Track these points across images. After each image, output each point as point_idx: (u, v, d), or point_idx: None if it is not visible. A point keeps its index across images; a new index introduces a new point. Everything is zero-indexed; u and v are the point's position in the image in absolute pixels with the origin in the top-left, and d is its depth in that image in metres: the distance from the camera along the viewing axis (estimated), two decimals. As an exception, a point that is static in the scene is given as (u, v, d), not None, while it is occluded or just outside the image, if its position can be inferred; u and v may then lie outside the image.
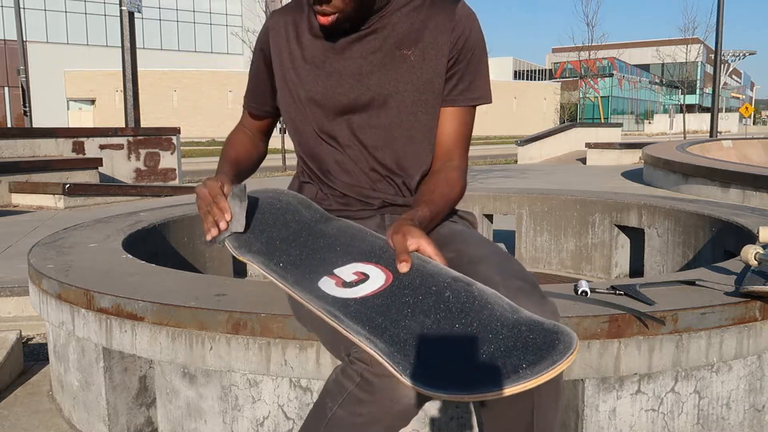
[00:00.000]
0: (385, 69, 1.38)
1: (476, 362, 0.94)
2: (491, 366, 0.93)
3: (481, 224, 3.71)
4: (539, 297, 1.13)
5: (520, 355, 0.94)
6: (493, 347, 0.96)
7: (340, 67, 1.39)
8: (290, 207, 1.39)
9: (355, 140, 1.42)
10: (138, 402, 1.72)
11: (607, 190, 6.20)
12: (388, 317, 1.04)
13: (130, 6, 10.42)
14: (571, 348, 0.94)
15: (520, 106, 45.12)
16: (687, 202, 3.29)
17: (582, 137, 16.21)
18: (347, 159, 1.42)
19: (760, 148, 11.31)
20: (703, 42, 39.08)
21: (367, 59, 1.38)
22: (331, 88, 1.40)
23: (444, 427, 1.45)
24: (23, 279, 3.04)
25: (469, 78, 1.40)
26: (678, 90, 42.39)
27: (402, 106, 1.39)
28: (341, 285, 1.14)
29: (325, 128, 1.43)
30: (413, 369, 0.93)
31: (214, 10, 43.09)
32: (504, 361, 0.93)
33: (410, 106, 1.39)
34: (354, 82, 1.39)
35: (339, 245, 1.25)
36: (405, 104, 1.39)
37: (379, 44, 1.38)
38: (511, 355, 0.94)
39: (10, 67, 33.07)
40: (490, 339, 0.97)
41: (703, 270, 1.79)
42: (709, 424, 1.55)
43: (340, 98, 1.40)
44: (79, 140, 8.50)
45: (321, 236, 1.29)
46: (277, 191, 1.45)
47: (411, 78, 1.38)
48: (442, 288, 1.08)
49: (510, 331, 0.98)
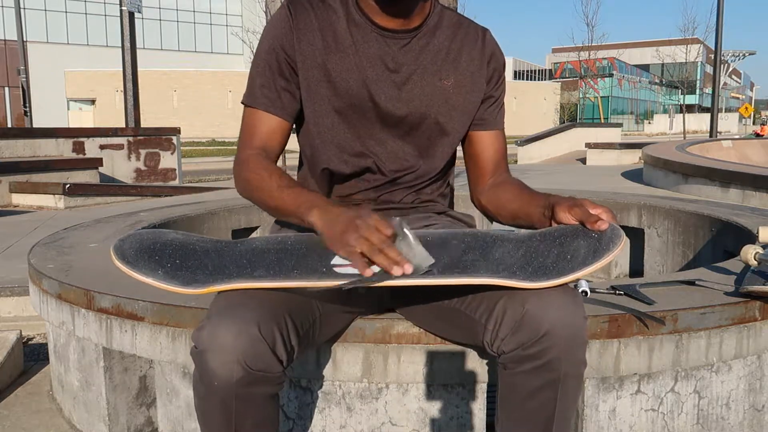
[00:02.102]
0: (423, 92, 1.40)
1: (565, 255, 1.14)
2: (578, 254, 1.13)
3: (481, 225, 3.71)
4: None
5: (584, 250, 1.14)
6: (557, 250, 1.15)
7: (385, 76, 1.38)
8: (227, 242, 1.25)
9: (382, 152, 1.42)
10: (138, 402, 1.72)
11: (607, 190, 6.19)
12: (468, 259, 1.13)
13: (130, 6, 10.43)
14: (620, 237, 1.13)
15: (520, 106, 45.10)
16: (687, 202, 3.29)
17: (582, 137, 16.21)
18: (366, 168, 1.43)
19: (760, 148, 11.31)
20: (703, 42, 39.08)
21: (412, 75, 1.39)
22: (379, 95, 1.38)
23: (444, 427, 1.46)
24: (23, 279, 3.03)
25: (500, 102, 1.51)
26: (678, 90, 42.38)
27: (434, 129, 1.43)
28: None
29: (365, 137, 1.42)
30: (525, 275, 1.10)
31: (214, 10, 43.10)
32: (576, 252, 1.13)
33: (441, 130, 1.44)
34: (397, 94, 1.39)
35: (307, 249, 1.18)
36: (438, 127, 1.43)
37: (420, 67, 1.39)
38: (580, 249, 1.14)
39: (11, 67, 33.06)
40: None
41: (703, 270, 1.79)
42: (709, 424, 1.55)
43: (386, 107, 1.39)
44: (79, 140, 8.51)
45: (290, 248, 1.20)
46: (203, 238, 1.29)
47: (447, 106, 1.42)
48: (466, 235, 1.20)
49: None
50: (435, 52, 1.40)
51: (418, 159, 1.44)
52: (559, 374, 1.09)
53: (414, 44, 1.39)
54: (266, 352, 1.04)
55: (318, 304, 1.21)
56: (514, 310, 1.09)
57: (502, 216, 1.45)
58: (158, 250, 1.19)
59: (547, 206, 1.28)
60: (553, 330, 1.06)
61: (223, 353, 1.02)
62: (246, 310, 1.06)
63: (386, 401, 1.44)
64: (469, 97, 1.44)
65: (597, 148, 13.46)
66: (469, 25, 1.46)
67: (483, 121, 1.48)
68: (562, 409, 1.11)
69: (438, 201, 1.52)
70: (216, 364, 1.03)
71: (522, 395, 1.11)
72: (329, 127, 1.40)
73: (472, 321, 1.18)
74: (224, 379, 1.03)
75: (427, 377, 1.41)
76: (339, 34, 1.37)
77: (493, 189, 1.48)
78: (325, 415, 1.46)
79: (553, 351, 1.07)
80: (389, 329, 1.38)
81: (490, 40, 1.47)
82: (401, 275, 1.06)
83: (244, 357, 1.02)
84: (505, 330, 1.10)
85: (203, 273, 1.14)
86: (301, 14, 1.37)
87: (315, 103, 1.39)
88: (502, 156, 1.51)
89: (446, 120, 1.43)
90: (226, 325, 1.03)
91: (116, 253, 1.18)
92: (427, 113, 1.41)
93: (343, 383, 1.44)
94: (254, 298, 1.08)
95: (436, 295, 1.24)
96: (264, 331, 1.05)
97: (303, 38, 1.37)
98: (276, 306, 1.09)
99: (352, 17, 1.37)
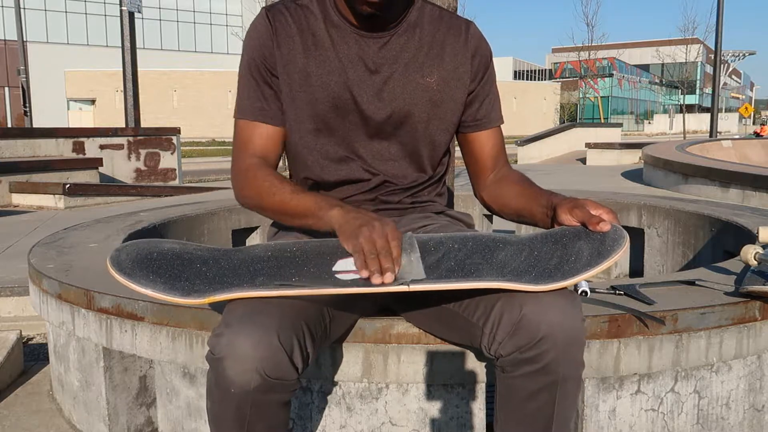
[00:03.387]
0: (405, 90, 1.38)
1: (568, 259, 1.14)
2: (582, 257, 1.14)
3: (481, 225, 3.71)
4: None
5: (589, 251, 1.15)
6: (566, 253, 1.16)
7: (365, 77, 1.37)
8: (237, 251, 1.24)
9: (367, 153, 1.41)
10: (138, 402, 1.72)
11: (607, 190, 6.19)
12: (470, 265, 1.12)
13: (130, 6, 10.43)
14: (624, 237, 1.14)
15: (520, 106, 45.10)
16: (687, 202, 3.29)
17: (582, 137, 16.22)
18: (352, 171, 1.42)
19: (760, 148, 11.31)
20: (702, 42, 39.07)
21: (393, 74, 1.37)
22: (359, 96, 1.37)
23: (444, 427, 1.46)
24: (23, 279, 3.04)
25: (492, 98, 1.48)
26: (678, 90, 42.38)
27: (419, 126, 1.41)
28: None
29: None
30: (530, 278, 1.10)
31: (214, 10, 43.11)
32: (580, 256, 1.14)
33: (425, 127, 1.42)
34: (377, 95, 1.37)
35: (311, 256, 1.18)
36: (422, 125, 1.41)
37: (401, 65, 1.37)
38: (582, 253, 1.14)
39: (11, 67, 33.08)
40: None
41: (703, 270, 1.79)
42: (709, 424, 1.55)
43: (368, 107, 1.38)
44: (79, 140, 8.51)
45: (288, 258, 1.20)
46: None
47: (431, 103, 1.40)
48: (470, 238, 1.20)
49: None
50: (416, 48, 1.38)
51: (406, 158, 1.43)
52: (557, 377, 1.08)
53: (394, 42, 1.37)
54: (284, 360, 1.04)
55: (327, 309, 1.20)
56: (511, 314, 1.09)
57: (505, 213, 1.45)
58: (155, 260, 1.18)
59: (549, 206, 1.27)
60: (550, 333, 1.06)
61: (243, 362, 1.02)
62: (266, 318, 1.05)
63: (386, 401, 1.44)
64: (454, 93, 1.42)
65: (597, 148, 13.46)
66: (451, 18, 1.43)
67: (478, 122, 1.47)
68: (561, 411, 1.11)
69: (436, 201, 1.52)
70: (234, 372, 1.02)
71: (520, 398, 1.11)
72: (312, 131, 1.39)
73: (469, 324, 1.17)
74: (241, 387, 1.03)
75: (427, 377, 1.41)
76: (318, 36, 1.36)
77: (495, 185, 1.47)
78: (325, 415, 1.46)
79: (551, 354, 1.06)
80: (389, 329, 1.38)
81: (475, 32, 1.44)
82: (410, 282, 1.07)
83: (262, 366, 1.02)
84: (502, 333, 1.09)
85: (202, 283, 1.13)
86: (279, 20, 1.36)
87: (297, 108, 1.37)
88: (500, 150, 1.50)
89: (431, 117, 1.41)
90: (247, 334, 1.03)
91: (113, 264, 1.17)
92: (411, 112, 1.39)
93: (343, 383, 1.44)
94: (272, 305, 1.08)
95: (435, 299, 1.24)
96: (283, 340, 1.05)
97: (283, 43, 1.36)
98: (293, 313, 1.09)
99: (330, 18, 1.36)
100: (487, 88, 1.46)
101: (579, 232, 1.18)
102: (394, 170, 1.42)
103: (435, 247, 1.17)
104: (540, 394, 1.09)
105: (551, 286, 1.08)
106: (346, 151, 1.40)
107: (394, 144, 1.41)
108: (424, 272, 1.10)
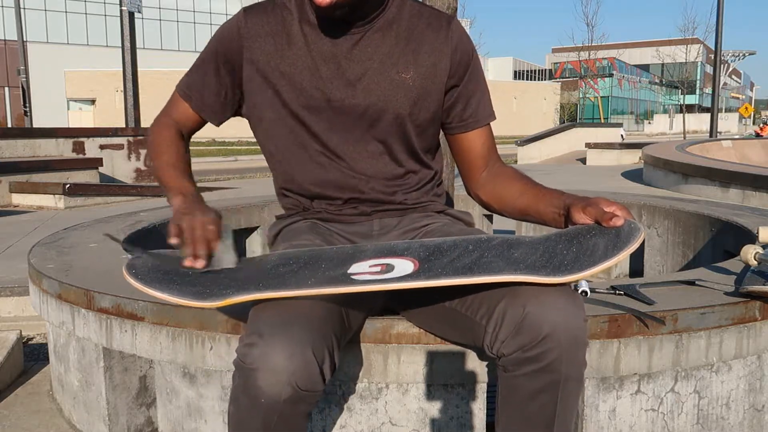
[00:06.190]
0: (380, 87, 1.37)
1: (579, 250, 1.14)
2: (595, 250, 1.13)
3: (481, 225, 3.71)
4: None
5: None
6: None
7: (340, 74, 1.36)
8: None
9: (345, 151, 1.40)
10: (138, 402, 1.72)
11: (607, 190, 6.20)
12: (484, 262, 1.12)
13: (130, 6, 10.43)
14: (639, 230, 1.14)
15: (520, 106, 45.10)
16: (687, 202, 3.29)
17: (582, 137, 16.21)
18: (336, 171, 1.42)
19: (760, 148, 11.31)
20: (702, 42, 39.09)
21: (368, 71, 1.36)
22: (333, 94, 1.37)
23: (444, 427, 1.46)
24: (23, 279, 3.04)
25: (478, 96, 1.45)
26: (678, 90, 42.38)
27: (395, 123, 1.39)
28: (379, 273, 1.12)
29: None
30: (547, 271, 1.09)
31: (214, 10, 43.10)
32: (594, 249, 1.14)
33: (402, 124, 1.40)
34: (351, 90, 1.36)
35: (325, 258, 1.21)
36: (398, 121, 1.39)
37: (376, 62, 1.36)
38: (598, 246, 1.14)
39: (11, 67, 33.08)
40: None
41: (703, 270, 1.79)
42: (709, 424, 1.55)
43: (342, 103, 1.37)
44: (79, 140, 8.51)
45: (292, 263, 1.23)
46: None
47: (407, 99, 1.38)
48: (484, 240, 1.20)
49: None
50: (392, 44, 1.37)
51: (386, 155, 1.42)
52: (559, 376, 1.08)
53: (368, 38, 1.36)
54: (316, 372, 1.05)
55: (345, 314, 1.21)
56: (514, 312, 1.09)
57: (507, 212, 1.44)
58: (170, 272, 1.22)
59: (563, 207, 1.27)
60: (553, 332, 1.06)
61: (276, 374, 1.02)
62: (298, 330, 1.05)
63: (386, 401, 1.44)
64: (431, 88, 1.39)
65: (597, 148, 13.46)
66: (431, 14, 1.41)
67: (464, 123, 1.45)
68: (562, 410, 1.11)
69: (435, 200, 1.52)
70: (267, 383, 1.03)
71: (522, 397, 1.11)
72: (288, 131, 1.39)
73: (472, 323, 1.17)
74: (272, 398, 1.03)
75: (427, 377, 1.41)
76: (292, 35, 1.36)
77: (491, 183, 1.46)
78: (325, 415, 1.46)
79: (554, 353, 1.06)
80: (389, 329, 1.38)
81: (456, 29, 1.41)
82: (424, 278, 1.09)
83: (295, 378, 1.03)
84: (505, 332, 1.09)
85: (218, 286, 1.15)
86: (253, 21, 1.37)
87: (273, 108, 1.38)
88: (490, 147, 1.49)
89: (408, 113, 1.39)
90: (281, 346, 1.03)
91: (129, 271, 1.23)
92: (386, 108, 1.37)
93: (343, 383, 1.44)
94: (302, 316, 1.08)
95: (438, 297, 1.24)
96: (316, 353, 1.05)
97: (254, 45, 1.37)
98: (324, 324, 1.10)
99: (306, 16, 1.36)
100: (472, 86, 1.43)
101: (593, 229, 1.19)
102: (374, 168, 1.41)
103: (450, 248, 1.18)
104: (542, 393, 1.09)
105: (570, 278, 1.09)
106: (323, 149, 1.39)
107: (371, 142, 1.40)
108: (235, 259, 1.21)
